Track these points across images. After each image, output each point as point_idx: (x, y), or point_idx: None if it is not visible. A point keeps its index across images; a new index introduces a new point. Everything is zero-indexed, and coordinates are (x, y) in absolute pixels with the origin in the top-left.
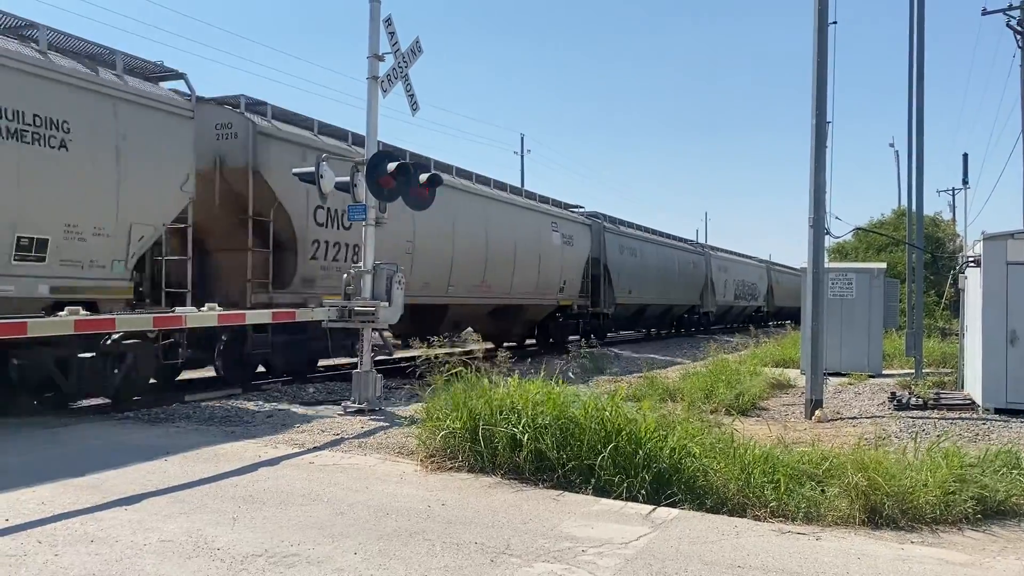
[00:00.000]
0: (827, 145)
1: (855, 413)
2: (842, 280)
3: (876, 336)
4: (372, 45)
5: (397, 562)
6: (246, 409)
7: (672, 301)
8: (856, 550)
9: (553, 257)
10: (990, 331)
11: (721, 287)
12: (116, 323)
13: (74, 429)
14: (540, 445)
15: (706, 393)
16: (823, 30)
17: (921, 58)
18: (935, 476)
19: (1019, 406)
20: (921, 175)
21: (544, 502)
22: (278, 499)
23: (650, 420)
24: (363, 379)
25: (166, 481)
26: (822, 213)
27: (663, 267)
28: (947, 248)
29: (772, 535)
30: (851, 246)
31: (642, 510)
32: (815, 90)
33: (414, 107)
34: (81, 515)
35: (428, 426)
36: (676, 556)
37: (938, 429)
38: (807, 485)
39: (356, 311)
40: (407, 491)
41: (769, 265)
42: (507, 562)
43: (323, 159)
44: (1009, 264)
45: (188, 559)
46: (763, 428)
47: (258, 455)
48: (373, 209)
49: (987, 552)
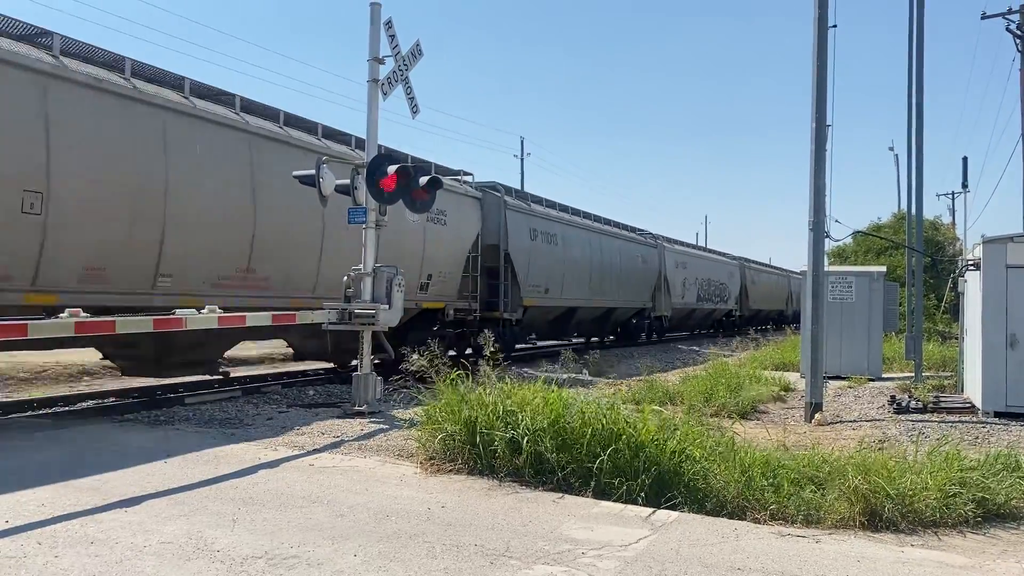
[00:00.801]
0: (827, 148)
1: (855, 416)
2: (842, 283)
3: (876, 339)
4: (372, 48)
5: (397, 564)
6: (246, 411)
7: (612, 303)
8: (856, 553)
9: (407, 239)
10: (990, 334)
11: (679, 287)
12: (116, 325)
13: (74, 430)
14: (539, 448)
15: (706, 396)
16: (823, 34)
17: (921, 62)
18: (935, 479)
19: (1019, 409)
20: (921, 179)
21: (544, 504)
22: (278, 501)
23: (651, 424)
24: (363, 382)
25: (166, 483)
26: (822, 216)
27: (598, 260)
28: (947, 252)
29: (772, 538)
30: (851, 249)
31: (642, 512)
32: (815, 93)
33: (414, 110)
34: (81, 517)
35: (427, 428)
36: (676, 559)
37: (938, 432)
38: (807, 488)
39: (356, 314)
40: (407, 493)
41: (743, 263)
42: (507, 564)
43: (323, 161)
44: (1009, 267)
45: (188, 561)
46: (763, 431)
47: (258, 457)
48: (373, 212)
49: (987, 555)
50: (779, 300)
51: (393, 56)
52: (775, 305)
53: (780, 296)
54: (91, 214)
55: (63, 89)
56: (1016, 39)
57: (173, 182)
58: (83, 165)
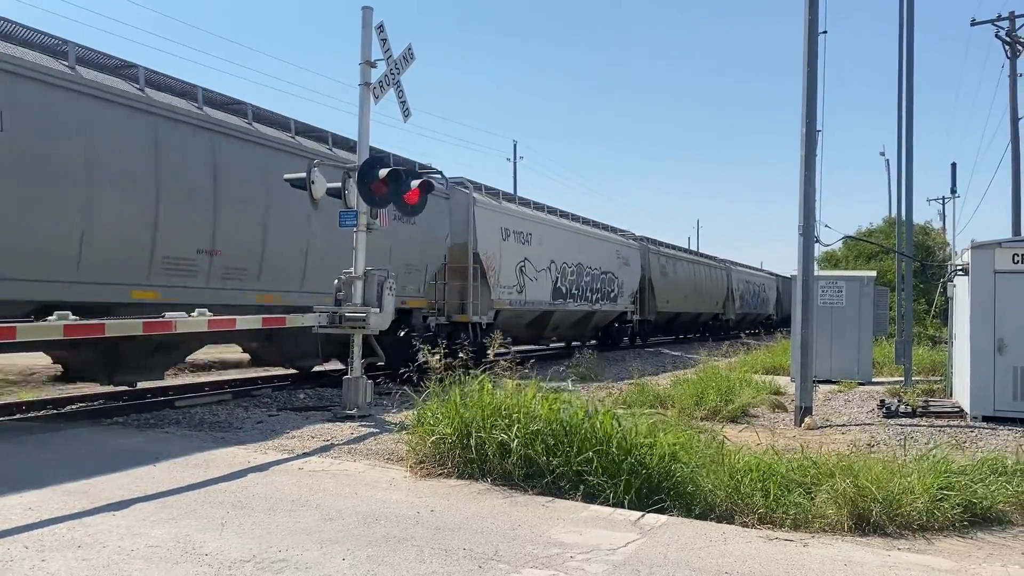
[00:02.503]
0: (817, 153)
1: (844, 420)
2: (832, 288)
3: (866, 344)
4: (364, 51)
5: (385, 568)
6: (236, 415)
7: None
8: (843, 557)
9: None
10: (978, 339)
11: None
12: (106, 328)
13: (63, 434)
14: (529, 451)
15: (696, 400)
16: (813, 40)
17: (911, 68)
18: (923, 483)
19: (1006, 414)
20: (911, 184)
21: (533, 508)
22: (267, 505)
23: (641, 427)
24: (353, 385)
25: (155, 487)
26: (812, 221)
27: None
28: (936, 256)
29: (760, 542)
30: (841, 254)
31: (631, 516)
32: (805, 98)
33: (406, 113)
34: (68, 520)
35: (418, 432)
36: (664, 562)
37: (926, 437)
38: (796, 492)
39: (346, 317)
40: (396, 497)
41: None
42: (495, 568)
43: (315, 164)
44: (997, 273)
45: (176, 565)
46: (752, 435)
47: (247, 461)
48: (364, 215)
49: (973, 559)
50: (767, 303)
51: (385, 60)
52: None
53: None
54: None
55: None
56: (1005, 45)
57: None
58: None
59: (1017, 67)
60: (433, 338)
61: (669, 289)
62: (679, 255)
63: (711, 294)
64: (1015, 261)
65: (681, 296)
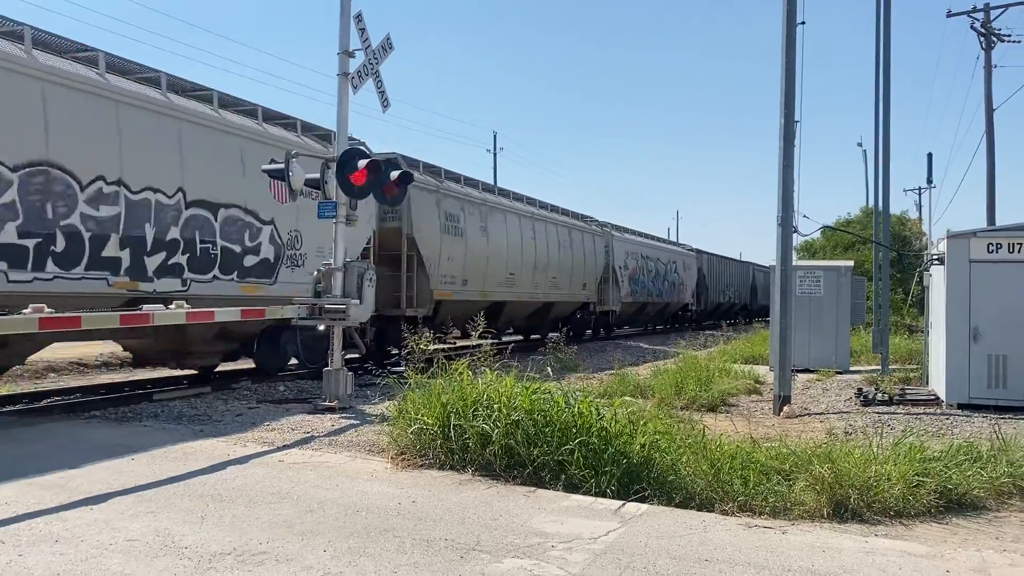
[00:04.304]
0: (795, 144)
1: (822, 409)
2: (810, 278)
3: (844, 333)
4: (343, 41)
5: (366, 559)
6: (215, 407)
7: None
8: (822, 543)
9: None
10: (953, 328)
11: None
12: (82, 321)
13: (39, 428)
14: (510, 441)
15: (676, 390)
16: (791, 30)
17: (888, 58)
18: (899, 469)
19: (981, 401)
20: (888, 174)
21: (515, 498)
22: (247, 497)
23: (621, 416)
24: (334, 377)
25: (133, 480)
26: (790, 211)
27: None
28: (913, 246)
29: (739, 529)
30: (819, 244)
31: (612, 505)
32: (783, 89)
33: (385, 104)
34: (46, 515)
35: (399, 423)
36: (644, 551)
37: (903, 424)
38: (775, 479)
39: (326, 309)
40: (377, 488)
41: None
42: (477, 558)
43: (293, 155)
44: (972, 262)
45: (155, 558)
46: (732, 424)
47: (227, 454)
48: (344, 206)
49: (949, 544)
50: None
51: (363, 49)
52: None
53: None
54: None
55: None
56: (980, 36)
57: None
58: None
59: (992, 58)
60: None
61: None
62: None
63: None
64: (990, 250)
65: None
